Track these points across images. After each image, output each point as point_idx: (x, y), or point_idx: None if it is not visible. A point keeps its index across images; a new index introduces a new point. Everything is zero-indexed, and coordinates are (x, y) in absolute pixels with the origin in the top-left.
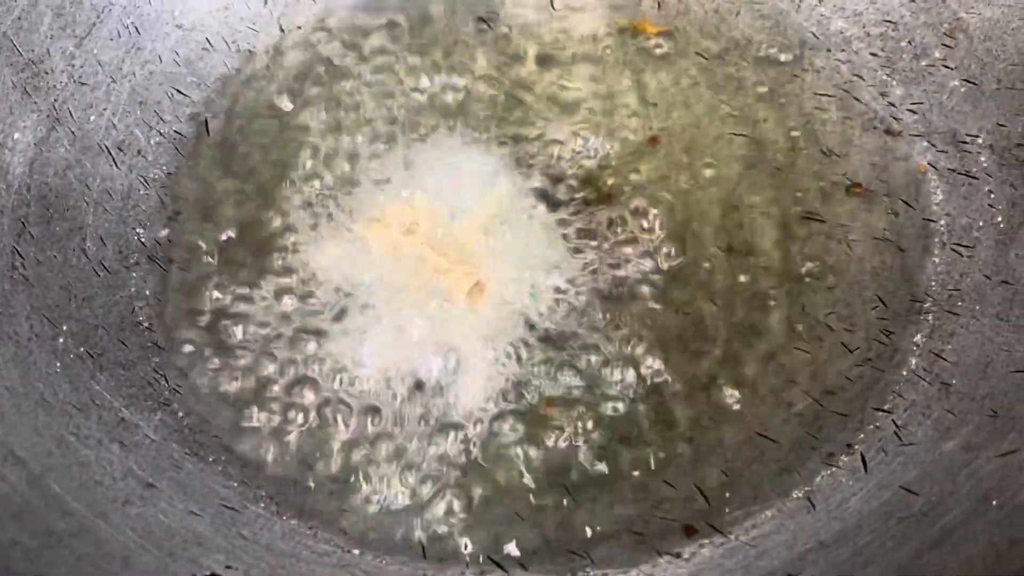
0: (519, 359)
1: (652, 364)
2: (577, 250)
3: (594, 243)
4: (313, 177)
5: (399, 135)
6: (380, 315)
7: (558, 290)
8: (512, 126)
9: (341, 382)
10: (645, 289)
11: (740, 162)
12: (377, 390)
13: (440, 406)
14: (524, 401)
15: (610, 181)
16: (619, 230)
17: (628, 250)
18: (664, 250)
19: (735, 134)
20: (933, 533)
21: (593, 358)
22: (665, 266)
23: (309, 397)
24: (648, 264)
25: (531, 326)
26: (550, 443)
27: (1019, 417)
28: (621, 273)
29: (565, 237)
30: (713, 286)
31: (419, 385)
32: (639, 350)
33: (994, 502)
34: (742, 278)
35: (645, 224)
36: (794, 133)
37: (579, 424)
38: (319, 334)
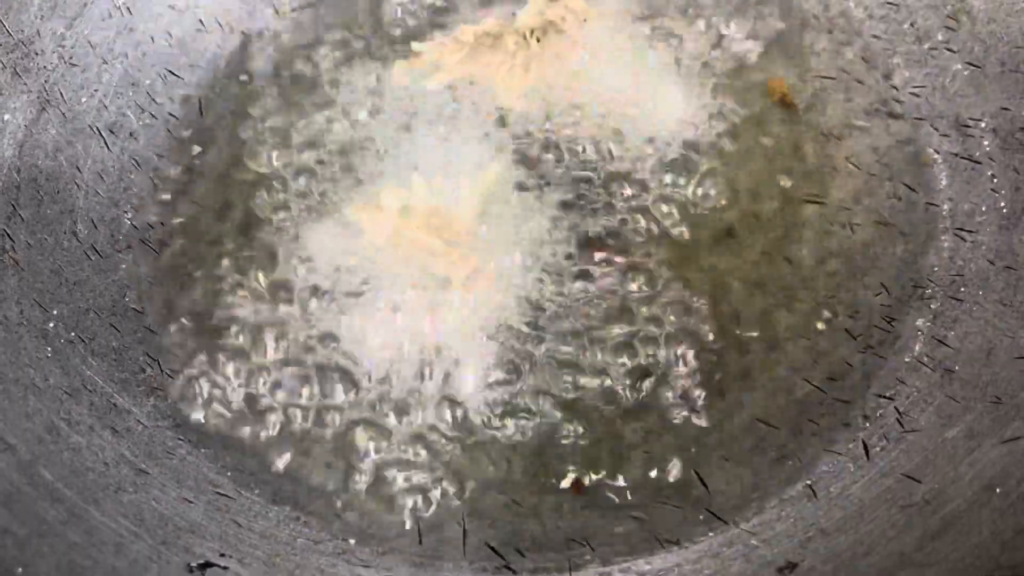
0: (518, 343)
1: (650, 350)
2: (573, 234)
3: (591, 227)
4: (308, 159)
5: (396, 115)
6: (376, 299)
7: (554, 271)
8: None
9: (337, 367)
10: (642, 275)
11: (739, 145)
12: (374, 376)
13: (439, 391)
14: (524, 386)
15: (608, 168)
16: (616, 215)
17: (627, 236)
18: (660, 235)
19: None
20: (935, 522)
21: (591, 344)
22: (662, 254)
23: (303, 382)
24: (644, 250)
25: (529, 309)
26: (550, 431)
27: (1022, 404)
28: (619, 259)
29: (562, 219)
30: (711, 271)
31: (417, 370)
32: (638, 336)
33: (997, 490)
34: (741, 262)
35: (641, 210)
36: (794, 117)
37: (579, 410)
38: (314, 318)
